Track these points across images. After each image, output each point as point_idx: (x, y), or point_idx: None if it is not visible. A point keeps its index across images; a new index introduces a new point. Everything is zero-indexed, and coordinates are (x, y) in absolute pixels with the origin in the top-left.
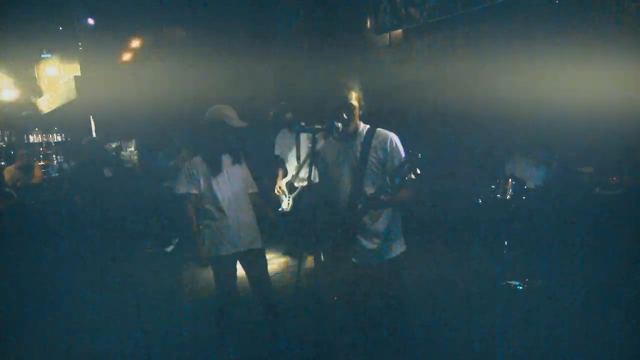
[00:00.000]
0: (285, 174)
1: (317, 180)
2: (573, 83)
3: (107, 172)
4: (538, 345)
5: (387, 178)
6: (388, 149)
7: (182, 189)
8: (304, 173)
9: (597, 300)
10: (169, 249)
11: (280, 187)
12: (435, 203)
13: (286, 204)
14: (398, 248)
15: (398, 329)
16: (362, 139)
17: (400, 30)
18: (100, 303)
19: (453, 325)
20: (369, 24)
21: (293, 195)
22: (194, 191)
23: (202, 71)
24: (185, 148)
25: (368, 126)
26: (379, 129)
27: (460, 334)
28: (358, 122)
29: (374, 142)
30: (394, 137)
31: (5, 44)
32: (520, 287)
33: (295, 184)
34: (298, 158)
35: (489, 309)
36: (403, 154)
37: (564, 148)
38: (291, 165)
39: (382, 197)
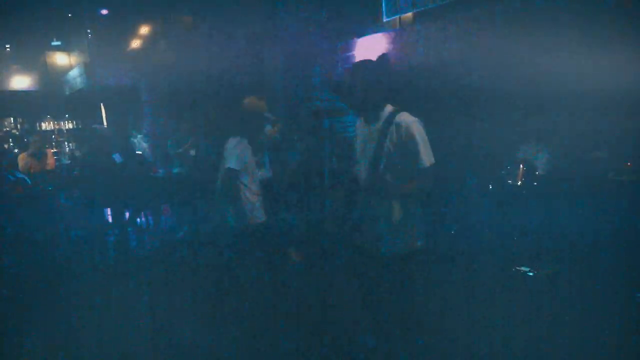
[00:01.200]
0: None
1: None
2: (586, 68)
3: (117, 158)
4: (548, 334)
5: (400, 165)
6: (403, 134)
7: (233, 166)
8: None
9: (609, 288)
10: (180, 235)
11: None
12: (445, 189)
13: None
14: (413, 242)
15: (406, 321)
16: (383, 122)
17: (410, 14)
18: (114, 288)
19: (463, 315)
20: (378, 7)
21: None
22: (240, 168)
23: (209, 59)
24: (194, 135)
25: (392, 108)
26: (401, 112)
27: (470, 324)
28: (375, 104)
29: (392, 126)
30: (413, 123)
31: (16, 32)
32: (531, 274)
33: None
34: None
35: (499, 296)
36: (420, 141)
37: (577, 133)
38: None
39: (392, 184)
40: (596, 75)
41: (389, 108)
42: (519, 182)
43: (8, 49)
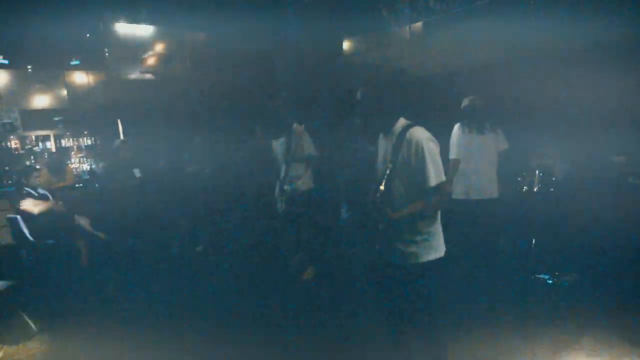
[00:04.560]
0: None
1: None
2: (602, 72)
3: (137, 173)
4: (568, 340)
5: (407, 182)
6: (413, 151)
7: None
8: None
9: (630, 293)
10: (199, 248)
11: None
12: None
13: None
14: (432, 252)
15: (426, 328)
16: (396, 137)
17: (420, 23)
18: (135, 302)
19: (481, 323)
20: (388, 17)
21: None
22: None
23: (222, 71)
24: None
25: (405, 122)
26: (414, 127)
27: (488, 332)
28: (389, 117)
29: (405, 142)
30: (424, 140)
31: (37, 53)
32: (550, 281)
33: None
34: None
35: (518, 303)
36: (429, 159)
37: (595, 138)
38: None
39: (397, 202)
40: (614, 78)
41: (401, 122)
42: (535, 188)
43: (30, 70)
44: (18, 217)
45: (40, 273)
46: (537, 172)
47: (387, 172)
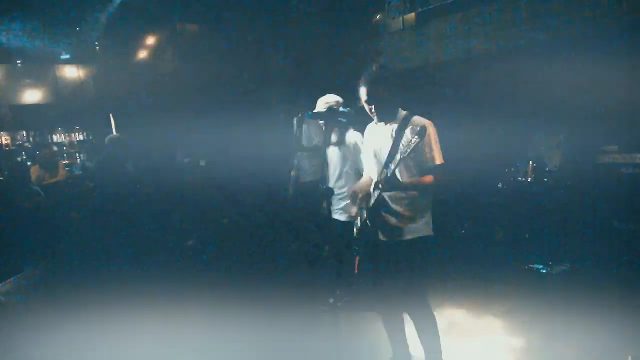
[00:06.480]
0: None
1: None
2: (596, 62)
3: (130, 167)
4: (561, 330)
5: (415, 163)
6: (422, 135)
7: None
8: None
9: (623, 283)
10: (190, 242)
11: None
12: (457, 187)
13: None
14: (423, 231)
15: (415, 307)
16: (398, 125)
17: (413, 14)
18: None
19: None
20: (381, 7)
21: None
22: None
23: (216, 64)
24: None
25: (405, 112)
26: (416, 116)
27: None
28: (392, 107)
29: (409, 129)
30: (430, 125)
31: (26, 47)
32: (544, 271)
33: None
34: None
35: (512, 293)
36: (435, 142)
37: (587, 127)
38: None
39: (409, 180)
40: (605, 68)
41: (402, 112)
42: (529, 179)
43: (19, 64)
44: None
45: None
46: (530, 162)
47: (397, 156)
